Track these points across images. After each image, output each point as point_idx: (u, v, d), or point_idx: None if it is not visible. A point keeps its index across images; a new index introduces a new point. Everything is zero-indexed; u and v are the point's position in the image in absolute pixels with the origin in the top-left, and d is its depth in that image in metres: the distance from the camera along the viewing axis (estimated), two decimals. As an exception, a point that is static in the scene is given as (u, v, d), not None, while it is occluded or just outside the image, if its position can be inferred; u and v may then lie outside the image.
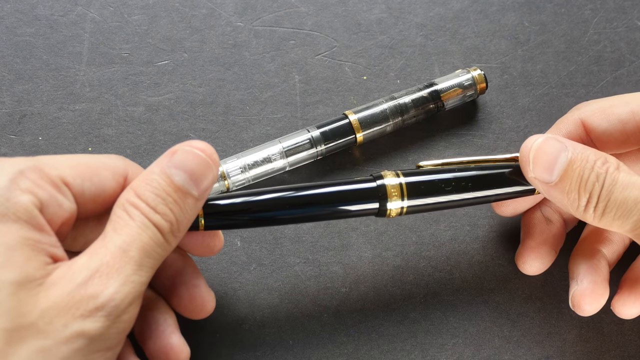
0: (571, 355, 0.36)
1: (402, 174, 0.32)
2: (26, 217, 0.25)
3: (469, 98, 0.41)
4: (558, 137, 0.32)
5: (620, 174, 0.30)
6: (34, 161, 0.27)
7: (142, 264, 0.26)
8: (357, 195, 0.32)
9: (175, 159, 0.28)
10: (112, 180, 0.29)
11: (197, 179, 0.28)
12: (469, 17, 0.44)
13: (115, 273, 0.25)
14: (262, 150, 0.37)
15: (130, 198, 0.27)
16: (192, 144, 0.29)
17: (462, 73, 0.40)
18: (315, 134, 0.38)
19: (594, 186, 0.30)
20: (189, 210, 0.28)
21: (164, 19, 0.42)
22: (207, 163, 0.28)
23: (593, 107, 0.35)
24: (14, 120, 0.39)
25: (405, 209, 0.32)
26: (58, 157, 0.28)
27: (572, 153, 0.31)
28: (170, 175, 0.28)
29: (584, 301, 0.33)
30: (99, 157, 0.29)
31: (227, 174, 0.37)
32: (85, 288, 0.25)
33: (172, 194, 0.27)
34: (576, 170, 0.30)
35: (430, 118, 0.41)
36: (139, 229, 0.26)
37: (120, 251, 0.26)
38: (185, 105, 0.40)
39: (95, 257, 0.26)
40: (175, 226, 0.28)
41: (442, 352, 0.36)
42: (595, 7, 0.44)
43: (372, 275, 0.37)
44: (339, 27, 0.43)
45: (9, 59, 0.41)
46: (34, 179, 0.26)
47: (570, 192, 0.31)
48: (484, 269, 0.38)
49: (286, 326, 0.36)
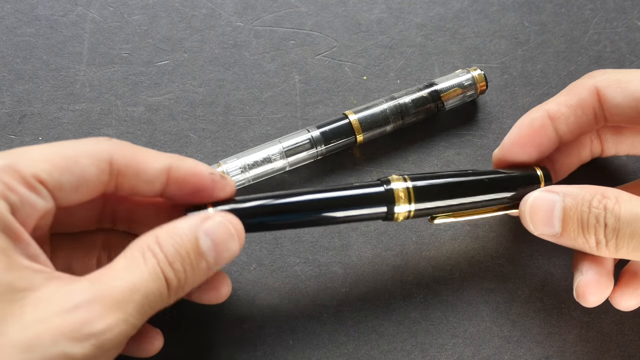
0: (571, 355, 0.36)
1: (409, 178, 0.33)
2: (1, 226, 0.24)
3: (469, 98, 0.41)
4: (549, 187, 0.32)
5: (622, 207, 0.30)
6: (6, 159, 0.26)
7: (142, 310, 0.26)
8: (365, 200, 0.32)
9: (208, 226, 0.28)
10: (94, 167, 0.27)
11: (219, 251, 0.28)
12: (469, 17, 0.44)
13: (117, 308, 0.25)
14: (262, 150, 0.37)
15: (150, 244, 0.27)
16: (228, 217, 0.29)
17: (462, 73, 0.40)
18: (315, 134, 0.38)
19: (596, 227, 0.30)
20: (199, 276, 0.28)
21: (164, 19, 0.42)
22: (235, 241, 0.29)
23: (610, 77, 0.34)
24: (14, 120, 0.39)
25: (413, 212, 0.32)
26: (33, 150, 0.27)
27: (565, 201, 0.31)
28: (199, 238, 0.28)
29: (588, 291, 0.33)
30: (78, 143, 0.28)
31: (227, 174, 0.37)
32: (83, 312, 0.24)
33: (192, 256, 0.27)
34: (574, 217, 0.31)
35: (430, 118, 0.41)
36: (150, 277, 0.26)
37: (127, 290, 0.25)
38: (185, 105, 0.40)
39: (99, 285, 0.25)
40: (181, 286, 0.27)
41: (442, 352, 0.36)
42: (595, 7, 0.44)
43: (372, 275, 0.37)
44: (339, 27, 0.43)
45: (9, 59, 0.41)
46: (6, 181, 0.25)
47: (576, 238, 0.31)
48: (484, 269, 0.38)
49: (286, 326, 0.36)
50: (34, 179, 0.26)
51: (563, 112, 0.34)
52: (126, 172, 0.28)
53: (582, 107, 0.34)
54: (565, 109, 0.34)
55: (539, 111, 0.35)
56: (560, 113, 0.34)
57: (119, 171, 0.28)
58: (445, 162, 0.40)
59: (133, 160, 0.29)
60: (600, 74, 0.35)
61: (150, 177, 0.29)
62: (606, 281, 0.34)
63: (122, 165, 0.28)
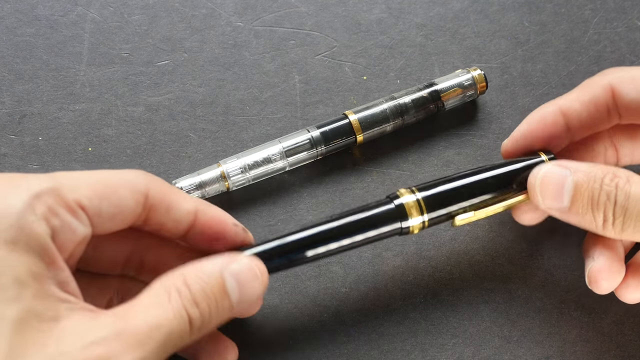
0: (571, 355, 0.36)
1: (417, 189, 0.33)
2: (39, 249, 0.24)
3: (469, 98, 0.41)
4: (561, 162, 0.32)
5: (632, 187, 0.30)
6: (51, 181, 0.26)
7: (163, 348, 0.26)
8: (378, 221, 0.32)
9: (235, 268, 0.28)
10: (131, 199, 0.28)
11: (244, 295, 0.28)
12: (469, 17, 0.44)
13: (138, 345, 0.24)
14: (262, 151, 0.37)
15: (177, 283, 0.27)
16: (254, 261, 0.29)
17: (462, 73, 0.40)
18: (315, 134, 0.38)
19: (606, 204, 0.30)
20: (221, 317, 0.28)
21: (164, 19, 0.42)
22: (259, 284, 0.29)
23: (624, 74, 0.34)
24: (14, 120, 0.39)
25: (427, 222, 0.33)
26: (76, 176, 0.27)
27: (577, 176, 0.31)
28: (225, 279, 0.28)
29: (600, 276, 0.33)
30: (119, 173, 0.29)
31: (227, 175, 0.37)
32: (103, 347, 0.24)
33: (217, 296, 0.27)
34: (585, 193, 0.30)
35: (430, 118, 0.41)
36: (173, 316, 0.26)
37: (148, 328, 0.25)
38: (185, 105, 0.40)
39: (121, 322, 0.25)
40: (204, 324, 0.27)
41: (442, 352, 0.36)
42: (595, 7, 0.44)
43: (372, 275, 0.37)
44: (339, 27, 0.43)
45: (9, 59, 0.41)
46: (50, 204, 0.25)
47: (584, 214, 0.31)
48: (484, 269, 0.38)
49: (286, 326, 0.36)
50: (76, 204, 0.26)
51: (576, 108, 0.34)
52: (159, 208, 0.29)
53: (595, 103, 0.34)
54: (578, 105, 0.34)
55: (551, 106, 0.35)
56: (572, 109, 0.34)
57: (152, 205, 0.29)
58: (445, 162, 0.40)
59: (166, 198, 0.29)
60: (615, 71, 0.35)
61: (180, 217, 0.30)
62: (618, 267, 0.33)
63: (156, 200, 0.29)
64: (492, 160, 0.40)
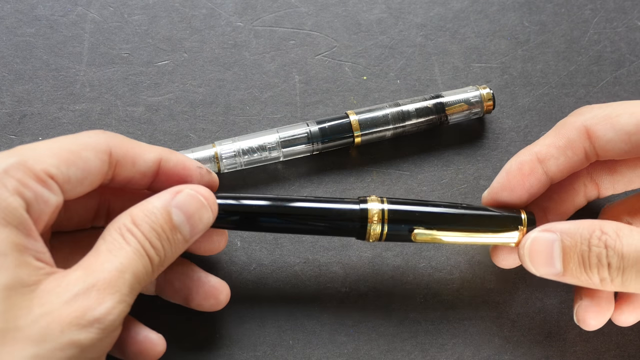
0: (571, 355, 0.36)
1: (387, 201, 0.33)
2: (15, 222, 0.25)
3: (474, 115, 0.40)
4: (545, 226, 0.31)
5: (623, 243, 0.29)
6: (16, 156, 0.26)
7: (133, 287, 0.27)
8: (338, 214, 0.32)
9: (179, 199, 0.29)
10: (97, 160, 0.28)
11: (193, 223, 0.29)
12: (469, 17, 0.44)
13: (112, 290, 0.26)
14: (259, 138, 0.38)
15: (127, 224, 0.28)
16: (197, 189, 0.30)
17: (470, 89, 0.40)
18: (313, 129, 0.38)
19: (599, 267, 0.30)
20: (177, 249, 0.29)
21: (164, 19, 0.42)
22: (207, 210, 0.30)
23: (597, 113, 0.33)
24: (14, 120, 0.39)
25: (385, 235, 0.33)
26: (40, 146, 0.28)
27: (563, 240, 0.30)
28: (171, 213, 0.29)
29: (588, 316, 0.33)
30: (80, 137, 0.29)
31: (220, 156, 0.37)
32: (82, 299, 0.25)
33: (167, 231, 0.28)
34: (574, 256, 0.30)
35: (432, 130, 0.40)
36: (134, 255, 0.27)
37: (117, 272, 0.26)
38: (185, 105, 0.40)
39: (91, 273, 0.26)
40: (162, 261, 0.29)
41: (442, 352, 0.36)
42: (595, 7, 0.44)
43: (372, 275, 0.37)
44: (339, 27, 0.43)
45: (9, 59, 0.41)
46: (19, 178, 0.26)
47: (579, 276, 0.30)
48: (484, 269, 0.38)
49: (286, 326, 0.36)
50: (45, 175, 0.27)
51: (552, 154, 0.33)
52: (123, 163, 0.30)
53: (571, 147, 0.33)
54: (554, 151, 0.33)
55: (528, 154, 0.34)
56: (549, 155, 0.33)
57: (117, 162, 0.29)
58: (446, 162, 0.40)
59: (129, 152, 0.30)
60: (588, 110, 0.34)
61: (144, 168, 0.30)
62: (606, 304, 0.34)
63: (120, 156, 0.29)
64: (492, 161, 0.40)
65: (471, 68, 0.42)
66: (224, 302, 0.34)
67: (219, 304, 0.34)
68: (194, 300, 0.33)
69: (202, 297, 0.33)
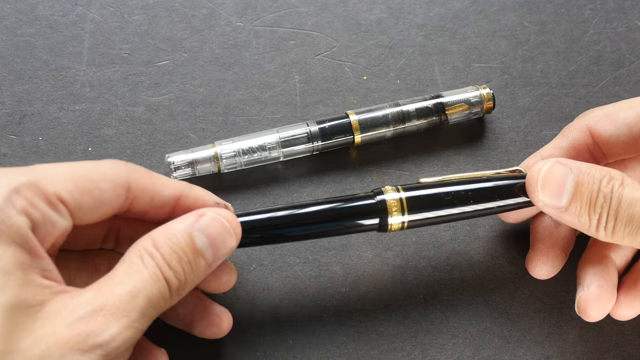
0: (571, 355, 0.36)
1: (402, 189, 0.33)
2: (20, 241, 0.25)
3: (474, 115, 0.40)
4: (561, 159, 0.32)
5: (624, 190, 0.30)
6: (30, 175, 0.26)
7: (146, 313, 0.26)
8: (358, 212, 0.32)
9: (202, 223, 0.29)
10: (112, 192, 0.28)
11: (216, 247, 0.29)
12: (469, 17, 0.44)
13: (120, 315, 0.25)
14: (259, 138, 0.38)
15: (147, 247, 0.27)
16: (220, 212, 0.29)
17: (470, 89, 0.40)
18: (313, 128, 0.38)
19: (603, 207, 0.30)
20: (199, 274, 0.29)
21: (164, 19, 0.42)
22: (230, 235, 0.29)
23: (598, 113, 0.35)
24: (14, 120, 0.39)
25: (407, 223, 0.32)
26: (57, 169, 0.27)
27: (577, 175, 0.31)
28: (194, 236, 0.28)
29: (589, 306, 0.33)
30: (100, 165, 0.29)
31: (220, 156, 0.37)
32: (87, 323, 0.24)
33: (189, 254, 0.28)
34: (584, 193, 0.31)
35: (432, 130, 0.40)
36: (150, 279, 0.26)
37: (128, 296, 0.26)
38: (185, 105, 0.40)
39: (102, 296, 0.25)
40: (182, 285, 0.28)
41: (442, 352, 0.36)
42: (595, 7, 0.44)
43: (372, 275, 0.37)
44: (339, 27, 0.43)
45: (9, 59, 0.41)
46: (29, 197, 0.26)
47: (581, 215, 0.31)
48: (484, 269, 0.38)
49: (286, 326, 0.36)
50: (55, 198, 0.26)
51: (556, 155, 0.35)
52: (141, 198, 0.29)
53: (575, 147, 0.35)
54: (558, 152, 0.35)
55: (533, 158, 0.36)
56: (553, 156, 0.35)
57: (134, 197, 0.29)
58: (446, 162, 0.40)
59: (149, 187, 0.30)
60: (590, 112, 0.35)
61: (162, 203, 0.30)
62: (608, 295, 0.34)
63: (139, 191, 0.29)
64: (491, 161, 0.40)
65: (471, 68, 0.42)
66: (226, 331, 0.33)
67: (221, 332, 0.33)
68: (197, 328, 0.33)
69: (205, 325, 0.33)
